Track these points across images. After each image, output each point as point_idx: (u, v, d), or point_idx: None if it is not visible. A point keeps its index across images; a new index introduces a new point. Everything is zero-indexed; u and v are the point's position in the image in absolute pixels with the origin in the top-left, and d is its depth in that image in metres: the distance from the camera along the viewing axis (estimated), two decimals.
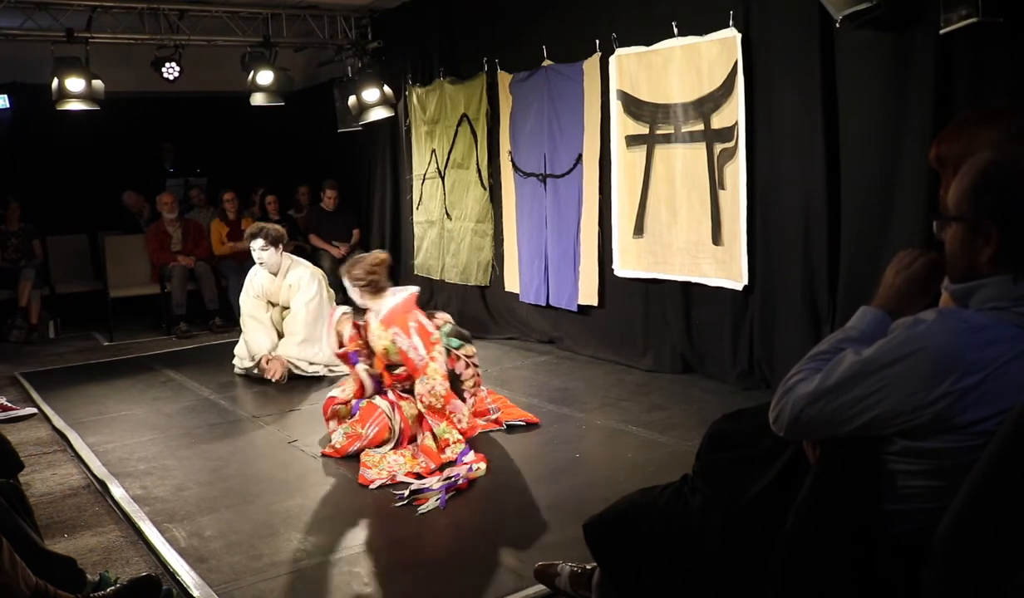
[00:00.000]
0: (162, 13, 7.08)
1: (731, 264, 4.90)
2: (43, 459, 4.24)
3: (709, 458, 2.03)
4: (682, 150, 5.15)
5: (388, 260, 4.49)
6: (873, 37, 4.00)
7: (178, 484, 3.85)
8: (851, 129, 4.25)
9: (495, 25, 6.61)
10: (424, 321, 4.28)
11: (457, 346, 4.38)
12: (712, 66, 4.86)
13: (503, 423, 4.44)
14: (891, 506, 1.60)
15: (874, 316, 1.71)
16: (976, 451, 1.49)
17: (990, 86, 3.58)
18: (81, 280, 8.39)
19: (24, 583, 2.36)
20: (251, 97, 7.62)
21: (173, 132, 9.51)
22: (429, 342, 4.19)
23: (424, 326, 4.24)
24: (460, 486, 3.60)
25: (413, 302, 4.36)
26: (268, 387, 5.64)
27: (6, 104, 8.57)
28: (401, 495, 3.54)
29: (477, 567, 2.93)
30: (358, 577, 2.90)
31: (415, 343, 4.17)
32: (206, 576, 2.92)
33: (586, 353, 5.97)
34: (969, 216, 1.59)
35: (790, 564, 1.66)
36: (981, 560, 1.46)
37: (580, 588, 2.48)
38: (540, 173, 6.29)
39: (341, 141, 8.43)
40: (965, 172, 1.62)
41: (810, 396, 1.61)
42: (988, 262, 1.57)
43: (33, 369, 6.43)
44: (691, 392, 4.98)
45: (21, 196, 8.02)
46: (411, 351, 4.16)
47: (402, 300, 4.33)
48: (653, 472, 3.55)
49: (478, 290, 7.06)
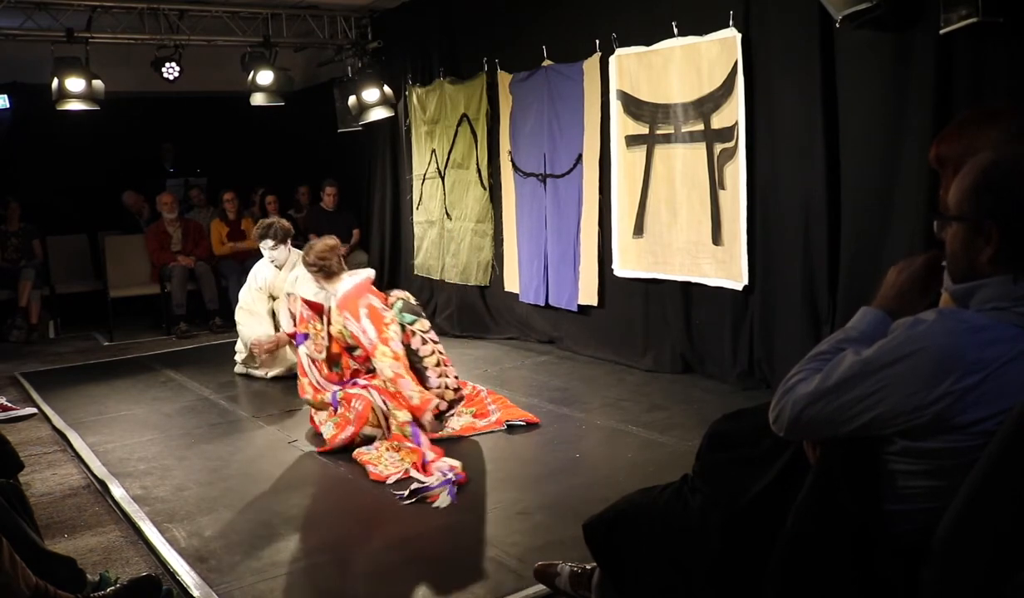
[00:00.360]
0: (162, 13, 7.08)
1: (731, 264, 4.90)
2: (43, 459, 4.24)
3: (709, 458, 2.03)
4: (682, 150, 5.15)
5: (339, 246, 4.65)
6: (873, 37, 4.00)
7: (178, 484, 3.85)
8: (851, 129, 4.25)
9: (495, 25, 6.61)
10: (376, 303, 4.38)
11: (411, 322, 4.45)
12: (712, 66, 4.86)
13: (504, 423, 4.44)
14: (891, 506, 1.60)
15: (874, 316, 1.71)
16: (976, 451, 1.49)
17: (990, 86, 3.58)
18: (81, 280, 8.39)
19: (24, 583, 2.36)
20: (251, 97, 7.62)
21: (173, 132, 9.51)
22: (382, 324, 4.29)
23: (376, 309, 4.34)
24: (460, 481, 3.62)
25: (367, 285, 4.48)
26: (268, 387, 5.64)
27: (6, 104, 8.57)
28: (401, 495, 3.54)
29: (477, 567, 2.93)
30: (358, 577, 2.91)
31: (364, 326, 4.28)
32: (206, 576, 2.92)
33: (586, 353, 5.97)
34: (970, 216, 1.59)
35: (790, 564, 1.66)
36: (981, 560, 1.46)
37: (580, 588, 2.48)
38: (540, 173, 6.29)
39: (341, 141, 8.43)
40: (966, 172, 1.62)
41: (810, 396, 1.61)
42: (988, 262, 1.57)
43: (33, 369, 6.44)
44: (691, 392, 4.98)
45: (21, 196, 8.02)
46: (361, 335, 4.28)
47: (355, 285, 4.45)
48: (653, 472, 3.55)
49: (478, 290, 7.06)
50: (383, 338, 4.24)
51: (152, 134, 9.35)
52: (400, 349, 4.28)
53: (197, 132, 9.48)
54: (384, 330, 4.27)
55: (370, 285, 4.51)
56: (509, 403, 4.67)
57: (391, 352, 4.23)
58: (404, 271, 7.96)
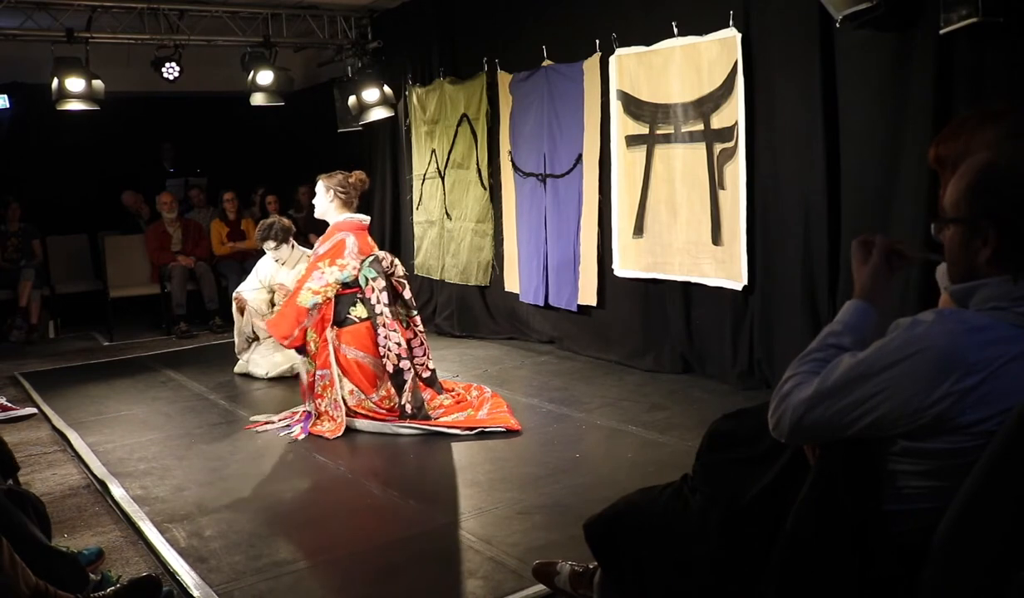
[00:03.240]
0: (162, 13, 7.07)
1: (731, 264, 4.90)
2: (43, 459, 4.24)
3: (709, 458, 2.03)
4: (682, 150, 5.15)
5: (367, 182, 4.94)
6: (873, 37, 4.00)
7: (178, 484, 3.85)
8: (851, 129, 4.24)
9: (495, 25, 6.61)
10: (349, 244, 4.58)
11: (373, 277, 4.58)
12: (712, 66, 4.86)
13: (474, 428, 4.34)
14: (891, 506, 1.60)
15: (856, 307, 1.72)
16: (977, 451, 1.49)
17: (990, 86, 3.58)
18: (81, 280, 8.40)
19: (24, 583, 2.36)
20: (251, 97, 7.61)
21: (173, 132, 9.51)
22: (333, 258, 4.54)
23: (341, 248, 4.57)
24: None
25: (358, 225, 4.72)
26: (268, 387, 5.64)
27: (6, 104, 8.56)
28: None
29: (477, 567, 2.93)
30: (358, 577, 2.91)
31: (320, 250, 4.63)
32: (206, 576, 2.92)
33: (586, 353, 5.97)
34: (967, 217, 1.59)
35: (790, 564, 1.66)
36: (981, 560, 1.46)
37: (580, 587, 2.47)
38: (540, 173, 6.29)
39: (341, 141, 8.42)
40: (962, 173, 1.62)
41: (809, 402, 1.59)
42: (987, 263, 1.56)
43: (33, 369, 6.44)
44: (691, 392, 4.98)
45: (21, 196, 8.02)
46: (314, 255, 4.71)
47: (350, 221, 4.71)
48: (653, 472, 3.55)
49: (478, 290, 7.06)
50: (317, 266, 4.53)
51: (152, 134, 9.35)
52: (318, 286, 4.47)
53: (197, 132, 9.48)
54: (323, 264, 4.51)
55: (362, 227, 4.75)
56: (502, 405, 4.61)
57: (310, 283, 4.49)
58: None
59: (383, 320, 4.51)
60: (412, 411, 4.44)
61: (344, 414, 4.44)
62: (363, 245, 4.65)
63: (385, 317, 4.51)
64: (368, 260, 4.59)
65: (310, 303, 4.45)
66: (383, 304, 4.52)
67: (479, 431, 4.33)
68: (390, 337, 4.50)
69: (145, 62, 7.42)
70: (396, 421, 4.45)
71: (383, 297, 4.53)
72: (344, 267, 4.51)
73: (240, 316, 5.89)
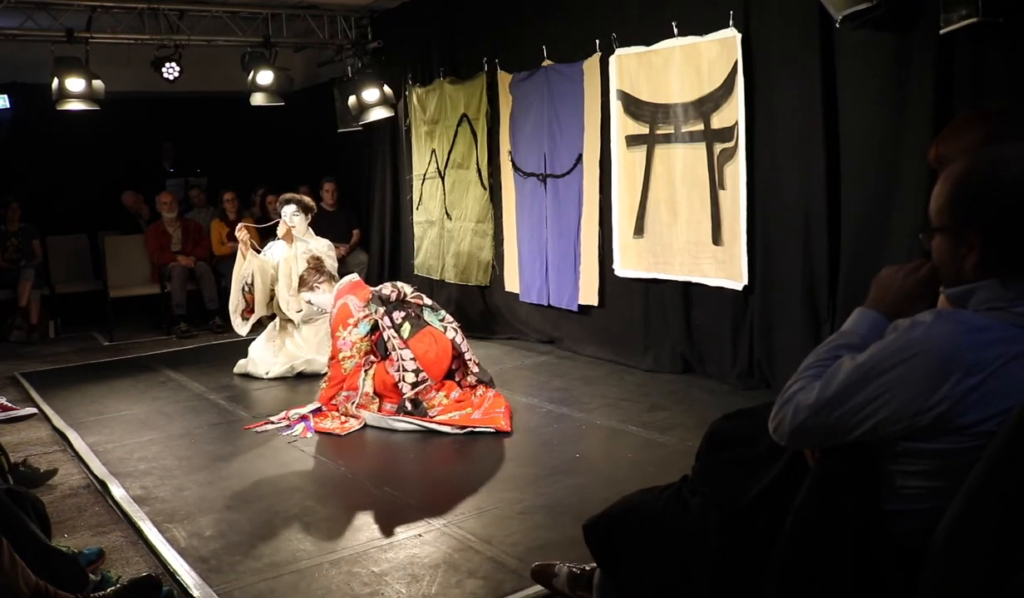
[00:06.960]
0: (162, 13, 7.07)
1: (731, 264, 4.90)
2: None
3: (709, 458, 2.03)
4: (682, 150, 5.15)
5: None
6: (873, 37, 4.00)
7: (178, 484, 3.85)
8: (851, 129, 4.24)
9: (495, 25, 6.61)
10: (352, 304, 4.87)
11: (374, 310, 4.79)
12: (712, 66, 4.86)
13: (465, 428, 4.38)
14: (891, 506, 1.60)
15: (873, 320, 1.69)
16: (977, 452, 1.49)
17: (990, 86, 3.58)
18: (81, 280, 8.40)
19: (24, 583, 2.36)
20: (251, 97, 7.61)
21: (173, 132, 9.50)
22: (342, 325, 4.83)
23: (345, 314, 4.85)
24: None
25: (348, 287, 5.02)
26: (268, 387, 5.64)
27: (6, 104, 8.56)
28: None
29: (476, 567, 2.93)
30: (358, 577, 2.90)
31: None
32: (206, 576, 2.92)
33: (586, 353, 5.97)
34: (950, 225, 1.58)
35: (790, 564, 1.66)
36: (981, 560, 1.46)
37: (578, 589, 2.47)
38: (540, 173, 6.29)
39: (341, 141, 8.43)
40: (943, 181, 1.61)
41: (810, 407, 1.59)
42: (973, 269, 1.56)
43: (33, 369, 6.44)
44: (691, 392, 4.98)
45: (21, 196, 8.02)
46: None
47: (346, 285, 5.05)
48: (653, 472, 3.55)
49: (478, 290, 7.06)
50: (337, 336, 4.82)
51: (152, 134, 9.35)
52: (348, 351, 4.74)
53: (197, 132, 9.48)
54: (340, 332, 4.80)
55: (356, 285, 5.03)
56: (499, 405, 4.60)
57: (342, 352, 4.78)
58: (404, 271, 7.94)
59: (392, 344, 4.66)
60: (410, 407, 4.51)
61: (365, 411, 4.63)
62: (363, 296, 4.89)
63: (394, 340, 4.66)
64: (369, 301, 4.84)
65: (351, 366, 4.73)
66: (387, 328, 4.70)
67: (469, 431, 4.36)
68: (403, 357, 4.61)
69: (145, 62, 7.42)
70: (393, 415, 4.53)
71: (386, 320, 4.71)
72: (357, 323, 4.78)
73: (243, 257, 5.89)
